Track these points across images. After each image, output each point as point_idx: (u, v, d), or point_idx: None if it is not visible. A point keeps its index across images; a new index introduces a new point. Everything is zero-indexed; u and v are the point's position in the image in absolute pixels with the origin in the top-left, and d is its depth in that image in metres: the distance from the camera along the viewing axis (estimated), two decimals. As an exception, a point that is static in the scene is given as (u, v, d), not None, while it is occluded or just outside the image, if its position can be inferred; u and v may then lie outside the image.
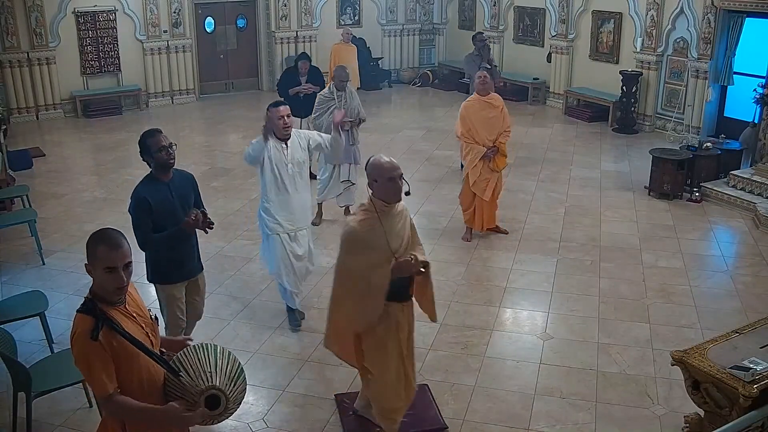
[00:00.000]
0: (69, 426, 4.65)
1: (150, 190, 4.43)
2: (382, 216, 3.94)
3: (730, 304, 6.32)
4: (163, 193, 4.46)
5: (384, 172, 3.90)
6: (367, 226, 3.94)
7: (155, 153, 4.39)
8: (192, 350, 2.95)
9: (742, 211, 8.42)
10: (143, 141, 4.43)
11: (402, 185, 3.94)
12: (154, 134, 4.43)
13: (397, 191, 3.93)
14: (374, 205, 3.96)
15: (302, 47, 15.11)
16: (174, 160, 4.48)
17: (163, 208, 4.43)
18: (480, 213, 7.54)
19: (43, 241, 7.36)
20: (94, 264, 2.80)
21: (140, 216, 4.39)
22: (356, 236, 3.95)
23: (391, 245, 3.93)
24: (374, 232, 3.92)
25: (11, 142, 11.12)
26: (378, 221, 3.92)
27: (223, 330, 5.84)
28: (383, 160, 3.96)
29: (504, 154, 7.46)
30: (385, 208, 3.96)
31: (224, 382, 2.88)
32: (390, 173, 3.89)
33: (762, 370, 3.74)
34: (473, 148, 7.33)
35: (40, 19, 12.79)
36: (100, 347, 2.73)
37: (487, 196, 7.41)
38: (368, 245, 3.92)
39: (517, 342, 5.72)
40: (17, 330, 5.25)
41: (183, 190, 4.59)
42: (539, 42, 14.55)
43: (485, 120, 7.32)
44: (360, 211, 4.05)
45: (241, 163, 10.41)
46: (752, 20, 10.61)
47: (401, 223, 4.04)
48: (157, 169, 4.48)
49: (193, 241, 4.77)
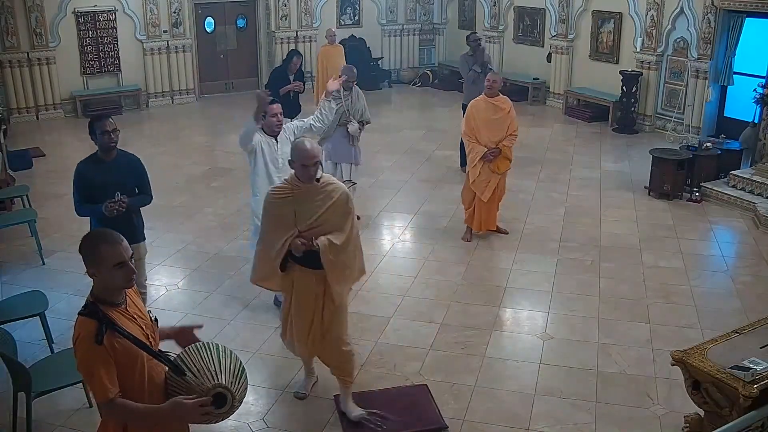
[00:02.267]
0: (69, 426, 4.65)
1: (89, 166, 5.09)
2: (296, 191, 4.34)
3: (730, 304, 6.31)
4: (101, 171, 5.03)
5: (300, 158, 4.26)
6: (279, 195, 4.40)
7: (99, 135, 4.98)
8: (194, 349, 2.95)
9: (742, 211, 8.42)
10: (91, 124, 5.03)
11: (315, 173, 4.29)
12: (101, 119, 5.02)
13: (308, 176, 4.28)
14: (291, 180, 4.39)
15: (302, 47, 15.10)
16: (114, 143, 5.03)
17: (96, 184, 5.00)
18: (479, 213, 7.52)
19: (43, 241, 7.36)
20: (100, 265, 2.79)
21: (75, 186, 5.09)
22: (268, 202, 4.44)
23: (298, 219, 4.32)
24: (284, 203, 4.36)
25: (11, 142, 11.11)
26: (291, 196, 4.34)
27: (223, 330, 5.84)
28: (305, 146, 4.30)
29: (507, 158, 7.40)
30: (300, 185, 4.33)
31: (230, 379, 2.88)
32: (304, 160, 4.25)
33: (762, 370, 3.74)
34: (474, 148, 7.32)
35: (40, 19, 12.79)
36: (104, 351, 2.73)
37: (486, 197, 7.38)
38: (276, 213, 4.38)
39: (517, 342, 5.72)
40: (17, 330, 5.24)
41: (121, 172, 5.10)
42: (539, 42, 14.55)
43: (490, 121, 7.30)
44: (281, 182, 4.54)
45: (241, 164, 10.41)
46: (752, 20, 10.61)
47: (319, 203, 4.35)
48: (101, 150, 5.08)
49: (132, 216, 5.17)
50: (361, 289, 6.50)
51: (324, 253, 4.33)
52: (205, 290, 6.57)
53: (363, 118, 7.96)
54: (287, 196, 4.37)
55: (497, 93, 7.37)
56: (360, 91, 8.11)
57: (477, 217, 7.54)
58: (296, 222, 4.33)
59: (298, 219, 4.33)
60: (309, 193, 4.35)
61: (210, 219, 8.38)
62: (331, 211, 4.38)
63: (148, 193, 5.33)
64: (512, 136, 7.38)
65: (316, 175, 4.32)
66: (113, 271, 2.79)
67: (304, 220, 4.34)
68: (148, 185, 5.34)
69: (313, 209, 4.34)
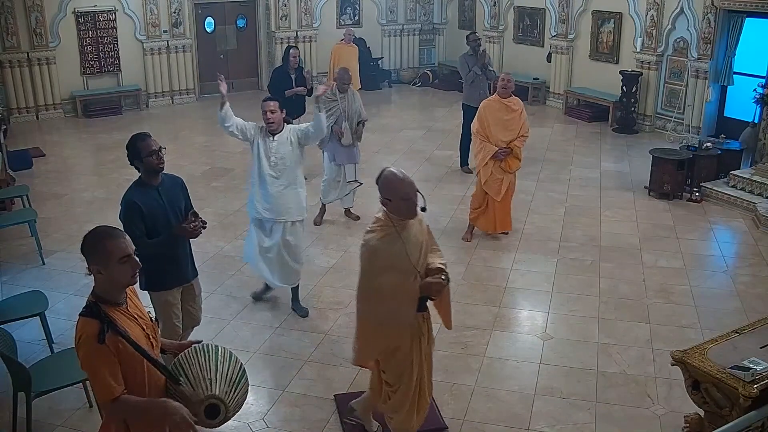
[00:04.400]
0: (69, 426, 4.65)
1: (140, 194, 4.36)
2: (400, 230, 3.77)
3: (730, 304, 6.31)
4: (154, 198, 4.39)
5: (399, 193, 3.71)
6: (387, 242, 3.76)
7: (145, 157, 4.30)
8: (193, 353, 2.94)
9: (742, 211, 8.42)
10: (133, 144, 4.32)
11: (417, 201, 3.76)
12: (144, 138, 4.32)
13: (412, 209, 3.75)
14: (390, 219, 3.79)
15: (302, 47, 15.11)
16: (164, 164, 4.39)
17: (154, 213, 4.36)
18: (492, 214, 7.52)
19: (43, 241, 7.36)
20: (105, 260, 2.78)
21: (132, 221, 4.28)
22: (378, 254, 3.77)
23: (411, 258, 3.77)
24: (394, 247, 3.75)
25: (11, 142, 11.11)
26: (397, 235, 3.76)
27: (223, 330, 5.84)
28: (397, 177, 3.75)
29: (517, 157, 7.41)
30: (401, 222, 3.80)
31: (224, 389, 2.86)
32: (404, 194, 3.71)
33: (762, 370, 3.74)
34: (485, 147, 7.33)
35: (40, 19, 12.79)
36: (107, 350, 2.73)
37: (500, 197, 7.41)
38: (390, 261, 3.76)
39: (517, 342, 5.72)
40: (17, 330, 5.24)
41: (173, 194, 4.52)
42: (539, 42, 14.55)
43: (501, 121, 7.31)
44: (377, 228, 3.82)
45: (241, 164, 10.44)
46: (752, 20, 10.61)
47: (417, 230, 3.88)
48: (147, 174, 4.40)
49: (188, 246, 4.70)
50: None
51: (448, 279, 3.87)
52: (205, 290, 6.50)
53: (361, 118, 7.97)
54: (394, 237, 3.75)
55: (510, 94, 7.37)
56: (355, 91, 8.13)
57: (491, 218, 7.54)
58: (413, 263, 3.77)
59: (412, 258, 3.77)
60: (408, 225, 3.80)
61: (210, 219, 8.29)
62: (426, 231, 3.95)
63: None
64: (523, 137, 7.40)
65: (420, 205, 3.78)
66: (119, 265, 2.79)
67: (416, 255, 3.80)
68: (191, 203, 4.76)
69: (417, 238, 3.84)
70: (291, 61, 9.32)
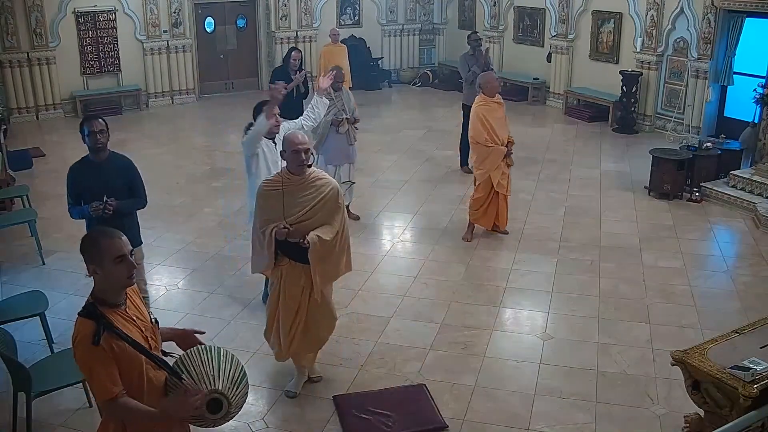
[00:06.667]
0: (69, 426, 4.65)
1: (80, 167, 5.09)
2: (285, 182, 4.50)
3: (730, 304, 6.32)
4: (90, 173, 5.04)
5: (290, 144, 4.47)
6: (269, 187, 4.55)
7: (87, 136, 4.98)
8: (195, 352, 2.94)
9: (742, 211, 8.42)
10: (81, 124, 5.04)
11: (306, 160, 4.47)
12: (89, 119, 5.03)
13: (299, 161, 4.45)
14: (282, 173, 4.57)
15: (302, 47, 15.09)
16: (102, 144, 5.01)
17: (86, 186, 5.00)
18: (495, 211, 7.57)
19: (43, 241, 7.36)
20: (101, 259, 2.80)
21: (67, 188, 5.10)
22: (259, 193, 4.60)
23: (286, 211, 4.46)
24: (273, 195, 4.50)
25: (11, 142, 11.11)
26: (280, 186, 4.49)
27: (223, 330, 5.83)
28: (295, 133, 4.62)
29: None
30: (290, 177, 4.51)
31: (227, 386, 2.87)
32: (294, 145, 4.45)
33: (762, 370, 3.74)
34: (495, 150, 7.30)
35: (40, 19, 12.79)
36: (102, 351, 2.73)
37: (509, 191, 7.59)
38: (266, 204, 4.52)
39: (517, 342, 5.72)
40: (17, 330, 5.23)
41: (112, 174, 5.07)
42: (539, 42, 14.55)
43: (499, 120, 7.38)
44: (272, 178, 4.66)
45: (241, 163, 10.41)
46: (752, 20, 10.60)
47: (309, 197, 4.50)
48: (90, 151, 5.07)
49: (125, 219, 5.08)
50: (361, 289, 6.50)
51: (312, 249, 4.45)
52: (205, 290, 6.57)
53: (354, 115, 7.96)
54: (277, 187, 4.51)
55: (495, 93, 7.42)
56: (348, 91, 8.14)
57: (492, 215, 7.59)
58: (284, 213, 4.46)
59: (287, 211, 4.47)
60: (299, 186, 4.50)
61: (210, 219, 8.38)
62: (320, 205, 4.52)
63: (141, 197, 5.26)
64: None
65: (307, 162, 4.49)
66: (114, 265, 2.80)
67: (292, 213, 4.48)
68: (142, 188, 5.27)
69: (302, 202, 4.49)
70: (292, 63, 9.27)
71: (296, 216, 4.48)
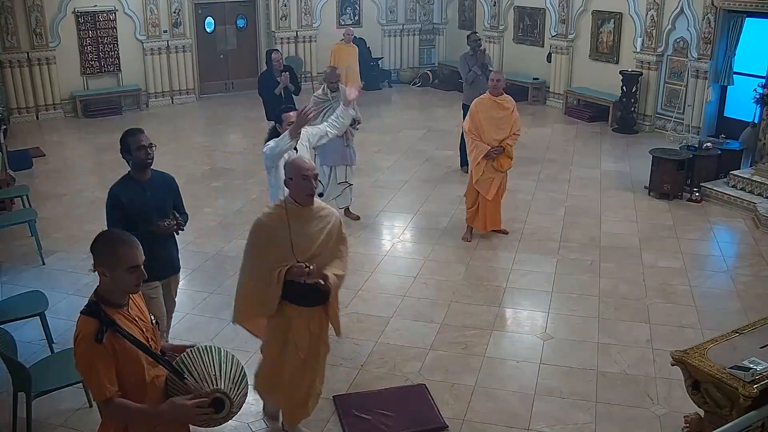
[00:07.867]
0: (69, 426, 4.65)
1: (124, 188, 4.51)
2: (291, 214, 3.94)
3: (730, 304, 6.32)
4: (138, 193, 4.51)
5: (299, 170, 3.92)
6: (274, 220, 3.96)
7: (134, 151, 4.47)
8: (196, 353, 2.94)
9: (742, 211, 8.42)
10: (124, 139, 4.51)
11: (315, 187, 3.97)
12: (135, 133, 4.50)
13: (308, 189, 3.93)
14: (285, 202, 4.01)
15: (302, 47, 15.13)
16: (152, 159, 4.53)
17: (135, 206, 4.47)
18: (483, 213, 7.52)
19: (43, 241, 7.36)
20: (115, 265, 2.78)
21: (112, 212, 4.45)
22: (261, 228, 4.01)
23: (295, 247, 3.91)
24: (279, 228, 3.92)
25: (11, 142, 11.11)
26: (286, 219, 3.93)
27: (223, 330, 5.83)
28: (303, 159, 4.10)
29: (509, 156, 7.39)
30: (296, 208, 3.97)
31: (229, 385, 2.87)
32: (304, 171, 3.91)
33: (762, 370, 3.74)
34: (477, 146, 7.31)
35: (40, 19, 12.79)
36: (103, 350, 2.73)
37: (491, 195, 7.39)
38: (272, 240, 3.95)
39: (517, 342, 5.72)
40: (17, 330, 5.24)
41: (160, 192, 4.63)
42: (539, 42, 14.55)
43: (493, 119, 7.30)
44: (273, 208, 4.07)
45: (241, 164, 10.44)
46: (752, 20, 10.61)
47: (317, 228, 4.01)
48: (135, 168, 4.54)
49: (170, 243, 4.77)
50: (361, 289, 6.50)
51: (334, 290, 4.04)
52: (205, 290, 6.57)
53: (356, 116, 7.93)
54: (283, 219, 3.93)
55: (501, 92, 7.37)
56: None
57: (482, 217, 7.54)
58: (293, 250, 3.91)
59: (296, 248, 3.92)
60: (306, 217, 3.98)
61: (210, 219, 8.38)
62: (328, 237, 4.05)
63: (184, 213, 4.83)
64: (515, 135, 7.39)
65: (316, 191, 4.01)
66: (127, 274, 2.79)
67: (302, 249, 3.93)
68: (182, 204, 4.87)
69: (311, 236, 3.98)
70: (275, 65, 9.26)
71: (309, 252, 3.95)
